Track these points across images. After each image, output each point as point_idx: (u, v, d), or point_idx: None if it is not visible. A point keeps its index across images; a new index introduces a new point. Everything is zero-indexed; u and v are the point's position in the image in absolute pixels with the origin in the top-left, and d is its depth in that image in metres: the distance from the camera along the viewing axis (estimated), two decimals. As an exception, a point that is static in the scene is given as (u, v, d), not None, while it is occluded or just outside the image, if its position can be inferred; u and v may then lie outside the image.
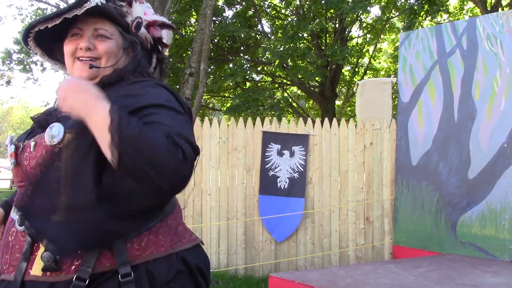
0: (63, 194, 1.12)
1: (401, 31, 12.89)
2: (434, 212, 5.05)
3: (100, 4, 1.33)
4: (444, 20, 13.83)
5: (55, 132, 1.21)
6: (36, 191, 1.19)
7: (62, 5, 13.56)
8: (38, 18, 1.40)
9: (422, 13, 11.85)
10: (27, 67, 14.28)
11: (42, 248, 1.19)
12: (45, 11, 13.81)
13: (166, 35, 1.54)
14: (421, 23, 13.00)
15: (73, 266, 1.17)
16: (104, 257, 1.18)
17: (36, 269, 1.19)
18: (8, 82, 14.62)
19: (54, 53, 1.50)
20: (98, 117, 1.07)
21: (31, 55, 14.18)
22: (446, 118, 5.10)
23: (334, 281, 3.43)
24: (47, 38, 1.42)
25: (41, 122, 1.30)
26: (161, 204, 1.27)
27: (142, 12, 1.47)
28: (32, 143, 1.26)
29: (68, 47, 1.38)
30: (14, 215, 1.26)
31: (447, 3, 12.30)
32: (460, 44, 5.06)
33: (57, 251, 1.16)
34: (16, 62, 14.16)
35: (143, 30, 1.46)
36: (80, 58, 1.36)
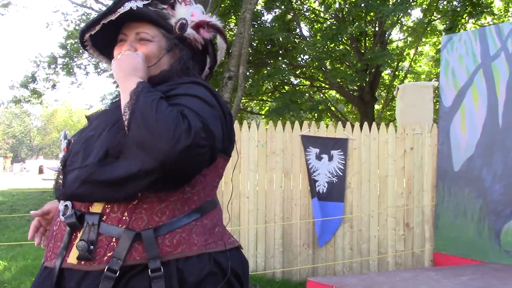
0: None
1: (443, 33, 12.63)
2: (477, 220, 4.93)
3: (135, 8, 1.39)
4: (488, 23, 13.46)
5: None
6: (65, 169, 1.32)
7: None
8: (82, 26, 1.48)
9: (465, 15, 11.57)
10: (71, 70, 14.70)
11: (78, 237, 1.24)
12: (89, 16, 14.21)
13: (219, 39, 1.55)
14: (464, 26, 12.70)
15: (106, 257, 1.21)
16: (135, 251, 1.21)
17: (73, 258, 1.23)
18: (54, 86, 15.10)
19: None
20: (130, 83, 1.24)
21: (75, 59, 14.64)
22: (490, 123, 4.97)
23: (373, 287, 3.39)
24: (104, 42, 1.52)
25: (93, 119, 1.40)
26: (170, 182, 1.22)
27: (189, 13, 1.46)
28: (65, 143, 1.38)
29: (115, 53, 1.46)
30: (60, 206, 1.32)
31: (492, 5, 11.97)
32: (505, 47, 4.93)
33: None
34: (61, 66, 14.60)
35: (190, 31, 1.45)
36: None
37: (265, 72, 13.57)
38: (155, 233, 1.23)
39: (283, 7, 13.92)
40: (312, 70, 14.86)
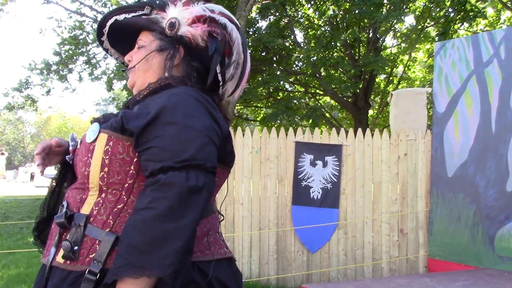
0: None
1: (435, 38, 12.71)
2: (471, 225, 4.93)
3: (122, 19, 1.47)
4: (480, 30, 13.55)
5: (92, 131, 1.32)
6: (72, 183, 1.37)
7: (99, 17, 13.93)
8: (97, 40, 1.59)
9: (458, 21, 11.64)
10: (65, 77, 14.68)
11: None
12: (83, 23, 14.20)
13: (232, 31, 1.44)
14: (457, 32, 12.78)
15: (87, 259, 1.21)
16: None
17: (60, 256, 1.26)
18: (48, 92, 15.06)
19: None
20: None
21: (69, 66, 14.62)
22: (483, 129, 4.99)
23: (367, 294, 3.38)
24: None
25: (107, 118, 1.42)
26: None
27: (185, 12, 1.42)
28: (79, 140, 1.40)
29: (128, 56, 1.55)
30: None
31: (484, 9, 12.05)
32: (498, 54, 4.96)
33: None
34: (54, 72, 14.58)
35: (186, 28, 1.41)
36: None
37: (260, 79, 13.60)
38: None
39: (277, 14, 13.96)
40: (307, 77, 14.91)
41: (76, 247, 1.22)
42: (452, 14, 11.59)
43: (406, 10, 12.73)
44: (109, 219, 1.24)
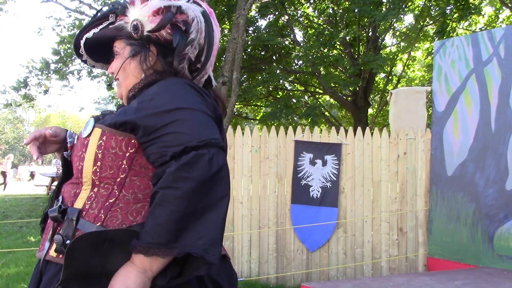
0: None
1: (433, 35, 12.71)
2: (470, 224, 4.94)
3: (90, 36, 1.48)
4: (480, 29, 13.56)
5: (87, 126, 1.35)
6: (66, 178, 1.39)
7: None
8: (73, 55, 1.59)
9: (456, 16, 11.64)
10: (65, 75, 14.66)
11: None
12: (82, 21, 14.17)
13: (188, 9, 1.40)
14: (456, 31, 12.78)
15: None
16: None
17: (53, 251, 1.28)
18: (46, 91, 15.04)
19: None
20: (153, 265, 1.15)
21: (69, 65, 14.61)
22: (482, 128, 4.99)
23: (367, 293, 3.38)
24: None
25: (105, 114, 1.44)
26: None
27: (145, 10, 1.39)
28: (76, 136, 1.42)
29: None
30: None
31: (480, 6, 12.07)
32: (497, 53, 4.96)
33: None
34: (54, 71, 14.55)
35: (150, 26, 1.38)
36: None
37: (260, 77, 13.60)
38: None
39: (277, 13, 13.96)
40: (306, 76, 14.90)
41: (68, 241, 1.23)
42: (448, 12, 11.60)
43: (405, 9, 12.72)
44: (100, 213, 1.26)
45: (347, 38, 13.28)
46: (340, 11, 14.12)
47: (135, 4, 1.42)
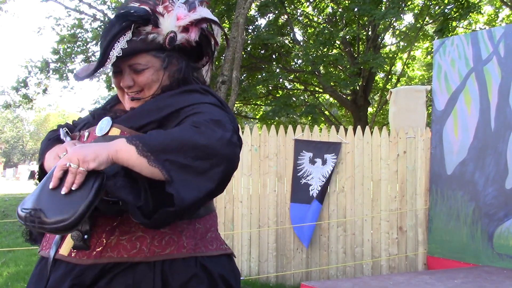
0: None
1: (433, 34, 12.72)
2: (470, 223, 4.94)
3: (120, 54, 1.31)
4: (479, 28, 13.56)
5: (103, 125, 1.34)
6: None
7: (99, 15, 13.89)
8: (80, 75, 1.42)
9: (456, 15, 11.64)
10: (64, 75, 14.64)
11: None
12: (82, 21, 14.15)
13: (214, 26, 1.51)
14: (456, 30, 12.78)
15: (94, 252, 1.22)
16: (123, 248, 1.22)
17: (64, 249, 1.26)
18: (45, 91, 15.01)
19: None
20: (123, 152, 1.14)
21: (68, 64, 14.59)
22: (482, 126, 4.99)
23: (367, 291, 3.39)
24: None
25: (99, 115, 1.41)
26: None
27: (173, 20, 1.38)
28: (86, 133, 1.38)
29: (114, 81, 1.43)
30: None
31: (480, 5, 12.07)
32: (497, 51, 4.96)
33: None
34: (53, 70, 14.53)
35: (180, 36, 1.39)
36: (128, 94, 1.41)
37: (259, 76, 13.59)
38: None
39: (276, 12, 13.95)
40: (306, 75, 14.90)
41: (86, 236, 1.23)
42: (448, 11, 11.61)
43: (405, 8, 12.72)
44: None
45: (347, 37, 13.27)
46: (340, 10, 14.10)
47: (164, 15, 1.38)
